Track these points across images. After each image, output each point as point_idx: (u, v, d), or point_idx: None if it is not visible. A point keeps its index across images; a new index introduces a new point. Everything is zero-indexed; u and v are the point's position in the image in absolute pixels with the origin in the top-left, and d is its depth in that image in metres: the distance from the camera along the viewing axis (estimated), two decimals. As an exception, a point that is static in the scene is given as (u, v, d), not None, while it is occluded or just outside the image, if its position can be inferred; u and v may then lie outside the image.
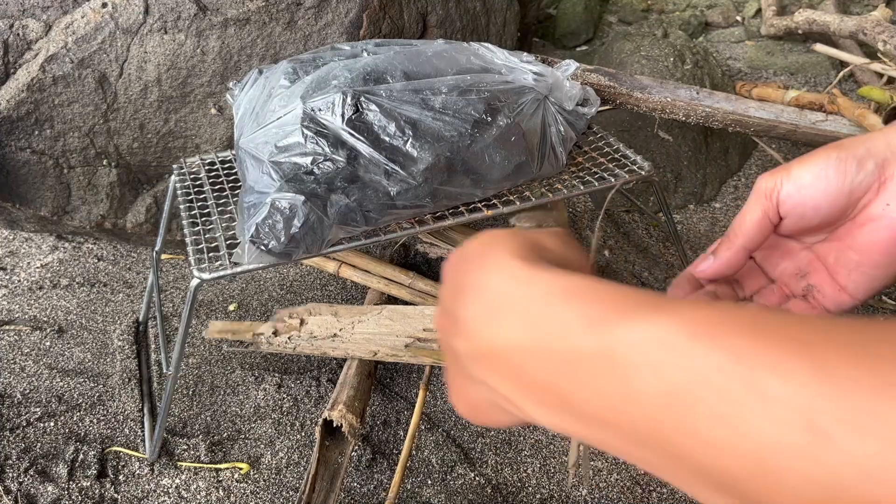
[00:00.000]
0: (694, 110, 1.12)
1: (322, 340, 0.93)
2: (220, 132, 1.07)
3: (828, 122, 1.16)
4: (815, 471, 0.21)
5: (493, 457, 0.93)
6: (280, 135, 0.73)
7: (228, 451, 0.92)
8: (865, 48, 1.64)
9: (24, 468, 0.89)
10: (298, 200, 0.69)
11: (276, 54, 1.02)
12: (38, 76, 1.00)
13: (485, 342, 0.31)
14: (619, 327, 0.26)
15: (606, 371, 0.26)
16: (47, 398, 0.99)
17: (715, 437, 0.23)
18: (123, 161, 1.09)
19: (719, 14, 2.05)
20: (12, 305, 1.17)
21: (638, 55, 1.46)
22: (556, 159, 0.84)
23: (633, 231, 1.30)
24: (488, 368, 0.32)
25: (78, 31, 1.00)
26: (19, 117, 1.02)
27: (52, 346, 1.08)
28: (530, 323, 0.29)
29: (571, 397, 0.27)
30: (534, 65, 0.86)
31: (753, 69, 1.76)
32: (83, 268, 1.25)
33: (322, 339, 0.93)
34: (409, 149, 0.73)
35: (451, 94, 0.76)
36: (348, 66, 0.78)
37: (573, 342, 0.27)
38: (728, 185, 1.42)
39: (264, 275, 1.22)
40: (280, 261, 0.72)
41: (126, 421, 0.96)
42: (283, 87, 0.78)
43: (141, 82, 1.02)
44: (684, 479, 0.25)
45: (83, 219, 1.12)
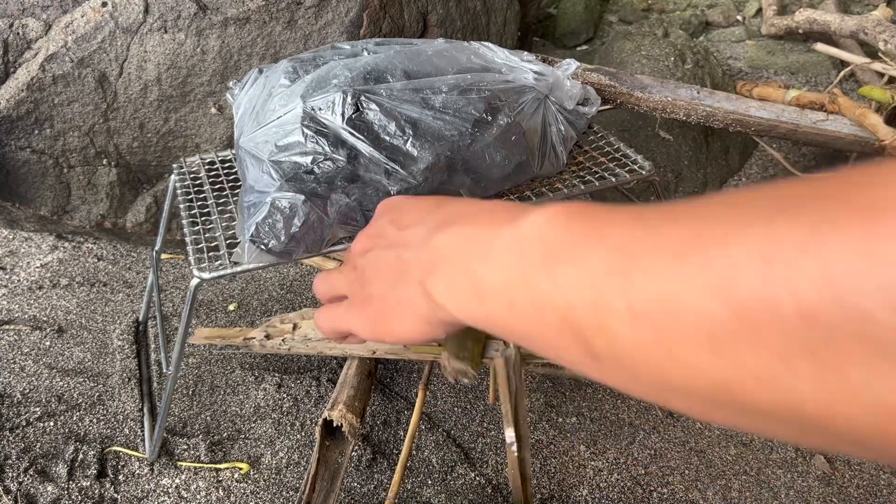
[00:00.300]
0: (695, 110, 1.12)
1: (317, 342, 0.93)
2: (220, 131, 1.07)
3: (829, 121, 1.16)
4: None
5: (494, 457, 0.93)
6: (280, 134, 0.73)
7: (228, 451, 0.92)
8: (866, 48, 1.64)
9: (23, 468, 0.89)
10: (298, 200, 0.68)
11: (276, 53, 1.02)
12: (38, 75, 1.00)
13: (438, 247, 0.39)
14: (520, 219, 0.34)
15: (511, 246, 0.34)
16: (47, 398, 0.99)
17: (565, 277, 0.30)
18: (123, 160, 1.09)
19: (720, 14, 2.04)
20: (12, 305, 1.17)
21: (638, 54, 1.46)
22: (556, 158, 0.84)
23: (633, 231, 1.30)
24: (436, 270, 0.38)
25: (78, 31, 1.00)
26: (19, 116, 1.02)
27: (51, 346, 1.08)
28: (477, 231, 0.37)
29: (482, 277, 0.34)
30: (534, 64, 0.86)
31: (754, 69, 1.76)
32: (83, 267, 1.25)
33: (317, 341, 0.93)
34: (409, 148, 0.72)
35: (452, 93, 0.76)
36: (348, 65, 0.78)
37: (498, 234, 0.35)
38: (729, 185, 1.42)
39: (264, 274, 1.22)
40: (280, 260, 0.72)
41: (126, 421, 0.96)
42: (283, 87, 0.77)
43: (141, 81, 1.02)
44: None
45: (83, 218, 1.12)
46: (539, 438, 0.95)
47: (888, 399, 0.21)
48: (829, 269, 0.21)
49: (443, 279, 0.37)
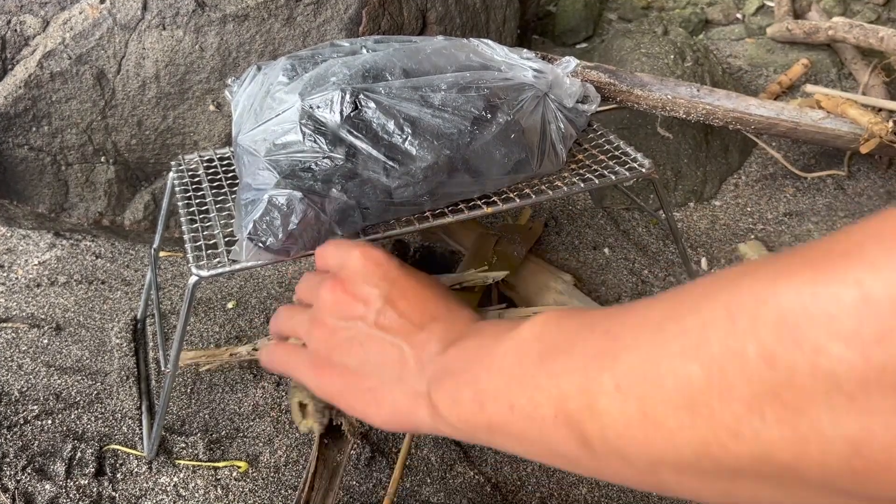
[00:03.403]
0: (694, 108, 1.12)
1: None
2: (218, 129, 1.06)
3: (828, 119, 1.15)
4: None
5: (493, 455, 0.93)
6: (278, 132, 0.73)
7: (227, 450, 0.92)
8: (872, 54, 1.64)
9: (21, 466, 0.89)
10: (296, 197, 0.68)
11: (274, 51, 1.01)
12: (36, 72, 1.00)
13: (449, 364, 0.39)
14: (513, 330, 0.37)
15: (510, 354, 0.35)
16: (45, 396, 0.99)
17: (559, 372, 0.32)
18: (121, 158, 1.09)
19: (719, 11, 2.04)
20: (9, 303, 1.16)
21: (638, 52, 1.46)
22: (556, 156, 0.84)
23: (632, 229, 1.29)
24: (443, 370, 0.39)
25: (76, 28, 1.00)
26: (17, 114, 1.01)
27: (49, 344, 1.08)
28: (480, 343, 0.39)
29: (484, 385, 0.36)
30: (534, 61, 0.86)
31: (754, 67, 1.76)
32: (81, 265, 1.25)
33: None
34: (407, 146, 0.72)
35: (451, 91, 0.76)
36: (347, 63, 0.77)
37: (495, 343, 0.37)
38: (728, 183, 1.42)
39: (262, 272, 1.22)
40: (278, 258, 0.72)
41: (124, 419, 0.96)
42: (282, 84, 0.77)
43: (139, 79, 1.01)
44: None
45: (81, 216, 1.12)
46: (538, 437, 0.95)
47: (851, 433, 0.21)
48: (784, 311, 0.23)
49: (448, 392, 0.38)
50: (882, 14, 1.96)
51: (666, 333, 0.27)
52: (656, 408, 0.26)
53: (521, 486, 0.89)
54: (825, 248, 0.24)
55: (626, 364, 0.28)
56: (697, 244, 1.26)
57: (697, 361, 0.25)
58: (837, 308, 0.21)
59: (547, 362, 0.32)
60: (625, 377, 0.28)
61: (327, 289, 0.45)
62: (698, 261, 1.22)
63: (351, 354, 0.43)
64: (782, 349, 0.22)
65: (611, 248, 1.24)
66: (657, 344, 0.27)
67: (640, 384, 0.27)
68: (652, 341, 0.27)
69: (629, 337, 0.29)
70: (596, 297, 1.08)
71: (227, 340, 1.09)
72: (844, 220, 1.30)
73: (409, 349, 0.41)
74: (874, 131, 1.10)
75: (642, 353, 0.28)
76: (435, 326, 0.42)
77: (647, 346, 0.28)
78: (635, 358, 0.28)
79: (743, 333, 0.24)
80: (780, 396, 0.22)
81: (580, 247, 1.24)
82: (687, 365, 0.25)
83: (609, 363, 0.29)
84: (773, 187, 1.39)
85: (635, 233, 1.28)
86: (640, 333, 0.28)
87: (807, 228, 1.28)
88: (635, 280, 1.16)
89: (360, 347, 0.43)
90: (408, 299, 0.43)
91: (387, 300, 0.43)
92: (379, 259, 0.46)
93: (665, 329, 0.27)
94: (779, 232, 1.28)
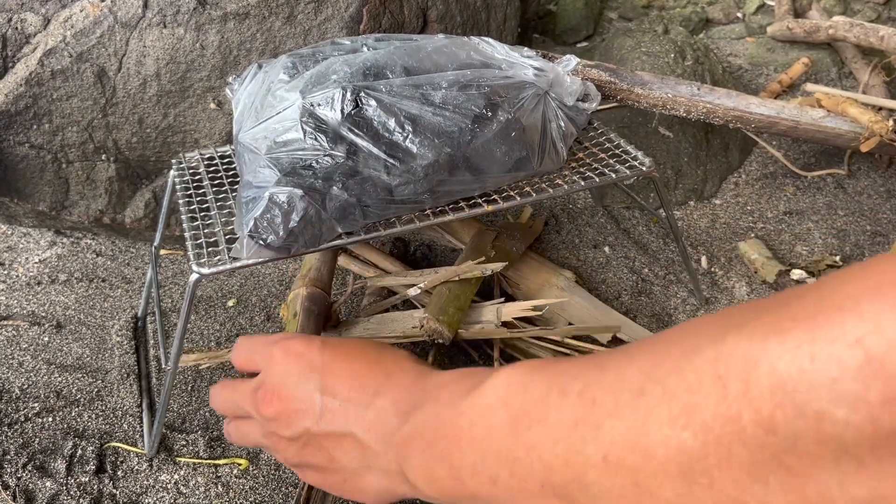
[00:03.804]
0: (695, 106, 1.12)
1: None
2: (219, 127, 1.06)
3: (829, 118, 1.16)
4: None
5: (493, 453, 0.93)
6: (279, 130, 0.73)
7: (227, 447, 0.92)
8: (873, 53, 1.64)
9: (22, 463, 0.89)
10: (296, 194, 0.68)
11: (275, 49, 1.02)
12: (37, 70, 1.00)
13: (410, 436, 0.38)
14: (477, 391, 0.35)
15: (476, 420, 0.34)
16: (45, 393, 0.99)
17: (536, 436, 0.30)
18: (122, 156, 1.09)
19: (720, 10, 2.04)
20: (10, 301, 1.16)
21: (638, 51, 1.46)
22: (556, 155, 0.84)
23: (633, 227, 1.29)
24: (403, 450, 0.38)
25: (77, 25, 1.00)
26: (17, 112, 1.01)
27: (50, 342, 1.08)
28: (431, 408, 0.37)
29: (458, 461, 0.34)
30: (534, 60, 0.86)
31: (754, 66, 1.76)
32: (81, 263, 1.25)
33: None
34: (408, 144, 0.72)
35: (452, 89, 0.76)
36: (348, 61, 0.77)
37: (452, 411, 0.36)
38: (728, 182, 1.42)
39: (263, 270, 1.22)
40: (279, 255, 0.72)
41: (125, 416, 0.96)
42: (283, 82, 0.77)
43: (140, 77, 1.01)
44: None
45: (81, 214, 1.12)
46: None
47: (862, 496, 0.20)
48: (780, 375, 0.22)
49: (421, 470, 0.36)
50: (882, 13, 1.96)
51: (649, 398, 0.26)
52: (650, 479, 0.25)
53: (521, 484, 0.89)
54: (817, 301, 0.22)
55: (610, 434, 0.27)
56: (698, 243, 1.26)
57: (689, 429, 0.24)
58: (839, 370, 0.20)
59: (521, 432, 0.31)
60: (612, 448, 0.27)
61: (264, 404, 0.43)
62: (698, 259, 1.22)
63: (316, 456, 0.42)
64: (782, 415, 0.21)
65: (611, 247, 1.24)
66: (641, 410, 0.26)
67: (630, 455, 0.26)
68: (635, 407, 0.26)
69: (609, 402, 0.27)
70: (596, 296, 1.08)
71: (228, 338, 1.09)
72: (844, 218, 1.30)
73: (363, 434, 0.39)
74: (874, 130, 1.10)
75: (627, 421, 0.26)
76: (380, 401, 0.40)
77: (630, 413, 0.26)
78: (620, 427, 0.26)
79: (736, 399, 0.23)
80: (784, 462, 0.22)
81: (580, 245, 1.24)
82: (678, 433, 0.24)
83: (591, 433, 0.27)
84: (773, 186, 1.39)
85: (636, 231, 1.28)
86: (620, 398, 0.27)
87: (807, 227, 1.28)
88: (635, 279, 1.16)
89: (319, 449, 0.42)
90: (343, 381, 0.41)
91: (323, 391, 0.41)
92: (299, 349, 0.44)
93: (647, 393, 0.26)
94: (779, 231, 1.28)
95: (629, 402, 0.27)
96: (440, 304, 0.87)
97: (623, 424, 0.27)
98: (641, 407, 0.26)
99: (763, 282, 1.16)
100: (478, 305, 0.93)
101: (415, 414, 0.38)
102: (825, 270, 1.15)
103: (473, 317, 0.91)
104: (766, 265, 1.16)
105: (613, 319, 1.00)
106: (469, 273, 0.91)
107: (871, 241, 1.24)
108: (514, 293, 1.06)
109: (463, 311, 0.89)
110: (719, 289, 1.16)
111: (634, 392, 0.27)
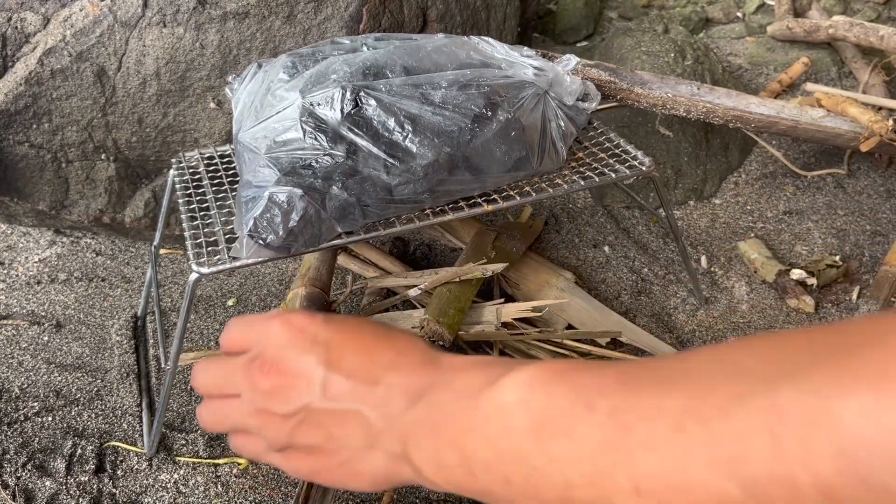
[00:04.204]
0: (695, 106, 1.12)
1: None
2: (219, 126, 1.06)
3: (829, 118, 1.15)
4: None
5: (492, 453, 0.93)
6: (279, 129, 0.73)
7: (227, 446, 0.92)
8: (873, 53, 1.64)
9: (21, 463, 0.89)
10: (296, 194, 0.68)
11: (275, 48, 1.01)
12: (37, 69, 1.00)
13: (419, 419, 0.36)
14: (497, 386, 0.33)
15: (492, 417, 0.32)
16: (45, 393, 0.99)
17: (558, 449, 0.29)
18: (122, 155, 1.09)
19: (720, 10, 2.04)
20: (10, 300, 1.16)
21: (638, 51, 1.46)
22: (556, 154, 0.84)
23: (632, 227, 1.29)
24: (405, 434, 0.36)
25: (76, 24, 1.00)
26: (17, 111, 1.01)
27: (50, 341, 1.08)
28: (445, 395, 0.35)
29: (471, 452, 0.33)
30: (534, 59, 0.86)
31: (754, 65, 1.76)
32: (81, 262, 1.25)
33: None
34: (408, 144, 0.72)
35: (451, 88, 0.76)
36: (348, 60, 0.77)
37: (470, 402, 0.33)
38: (728, 182, 1.42)
39: (263, 269, 1.22)
40: (278, 255, 0.72)
41: (124, 416, 0.96)
42: (283, 82, 0.77)
43: (140, 76, 1.01)
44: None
45: (81, 213, 1.12)
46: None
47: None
48: (845, 443, 0.20)
49: (429, 455, 0.34)
50: (882, 13, 1.96)
51: (689, 437, 0.24)
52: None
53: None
54: (882, 356, 0.21)
55: (644, 465, 0.25)
56: (697, 242, 1.26)
57: (734, 480, 0.23)
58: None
59: (543, 441, 0.29)
60: (645, 480, 0.25)
61: (260, 375, 0.40)
62: (698, 259, 1.22)
63: (312, 435, 0.39)
64: (844, 484, 0.20)
65: (611, 247, 1.24)
66: (680, 448, 0.25)
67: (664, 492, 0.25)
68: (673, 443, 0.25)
69: (643, 431, 0.26)
70: (596, 295, 1.08)
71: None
72: (844, 218, 1.30)
73: (369, 411, 0.37)
74: (874, 130, 1.10)
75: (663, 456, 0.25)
76: (391, 377, 0.37)
77: (667, 449, 0.25)
78: (655, 460, 0.25)
79: (792, 459, 0.21)
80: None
81: (580, 245, 1.24)
82: (721, 481, 0.23)
83: (622, 459, 0.26)
84: (773, 186, 1.39)
85: (635, 231, 1.28)
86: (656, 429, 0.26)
87: (807, 227, 1.28)
88: (635, 278, 1.16)
89: (318, 427, 0.38)
90: (350, 356, 0.39)
91: (328, 365, 0.38)
92: (302, 323, 0.40)
93: (688, 431, 0.25)
94: (779, 230, 1.28)
95: (667, 436, 0.25)
96: (440, 306, 0.87)
97: (658, 458, 0.25)
98: (680, 444, 0.25)
99: (763, 281, 1.16)
100: (478, 306, 0.93)
101: (427, 396, 0.36)
102: (825, 270, 1.15)
103: (473, 317, 0.91)
104: (765, 265, 1.16)
105: (613, 321, 1.00)
106: (470, 274, 0.91)
107: (870, 240, 1.24)
108: (513, 293, 1.07)
109: (463, 312, 0.89)
110: (719, 288, 1.16)
111: (673, 427, 0.25)
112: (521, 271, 1.05)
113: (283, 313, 0.42)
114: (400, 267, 1.06)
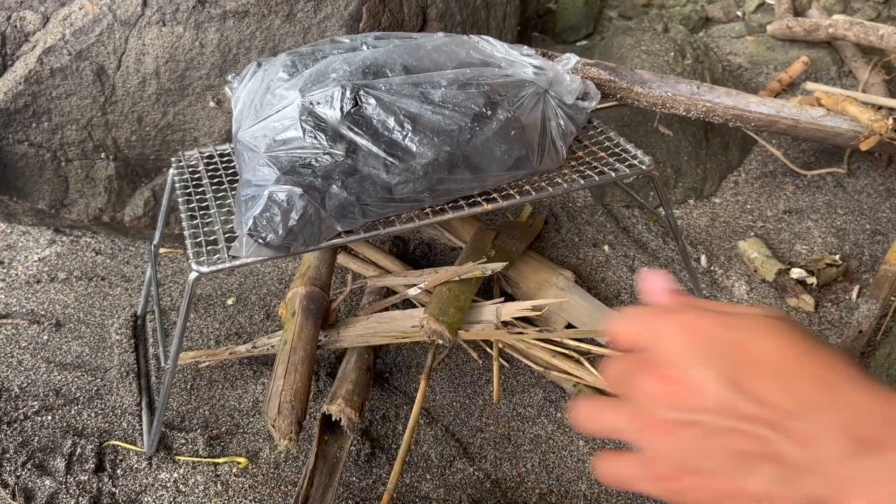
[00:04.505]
0: (694, 105, 1.12)
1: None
2: (218, 125, 1.06)
3: (829, 117, 1.15)
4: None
5: (493, 451, 0.93)
6: (278, 128, 0.73)
7: (227, 446, 0.92)
8: (872, 52, 1.64)
9: (21, 462, 0.89)
10: (296, 193, 0.68)
11: (275, 47, 1.01)
12: (36, 68, 1.00)
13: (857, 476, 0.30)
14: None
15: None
16: (45, 392, 0.99)
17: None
18: (121, 154, 1.09)
19: (720, 9, 2.04)
20: (10, 299, 1.16)
21: (638, 50, 1.46)
22: (556, 153, 0.84)
23: (632, 226, 1.29)
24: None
25: (76, 23, 1.00)
26: (17, 110, 1.01)
27: (49, 340, 1.08)
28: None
29: None
30: (534, 58, 0.86)
31: (754, 64, 1.76)
32: (81, 261, 1.25)
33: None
34: (408, 143, 0.72)
35: (451, 87, 0.76)
36: (347, 59, 0.77)
37: None
38: (728, 181, 1.42)
39: (263, 269, 1.22)
40: (278, 254, 0.72)
41: (124, 415, 0.96)
42: (282, 80, 0.77)
43: (139, 75, 1.01)
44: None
45: (81, 212, 1.12)
46: (538, 433, 0.95)
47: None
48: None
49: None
50: (882, 12, 1.96)
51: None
52: None
53: (520, 483, 0.89)
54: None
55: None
56: (697, 241, 1.26)
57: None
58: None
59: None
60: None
61: (648, 380, 0.35)
62: (698, 258, 1.22)
63: (705, 454, 0.34)
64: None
65: (610, 246, 1.24)
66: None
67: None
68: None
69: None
70: (595, 294, 1.08)
71: (227, 337, 1.09)
72: (844, 217, 1.30)
73: (787, 444, 0.32)
74: (874, 129, 1.10)
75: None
76: (821, 418, 0.32)
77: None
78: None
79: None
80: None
81: (580, 244, 1.24)
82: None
83: None
84: (772, 185, 1.39)
85: (635, 230, 1.28)
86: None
87: (806, 226, 1.28)
88: (635, 277, 1.16)
89: (712, 442, 0.34)
90: (762, 381, 0.33)
91: (732, 385, 0.33)
92: (704, 332, 0.35)
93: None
94: (778, 229, 1.28)
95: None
96: (440, 305, 0.87)
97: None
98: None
99: (763, 280, 1.16)
100: (477, 305, 0.93)
101: (885, 452, 0.30)
102: (825, 269, 1.15)
103: (473, 316, 0.91)
104: (765, 264, 1.16)
105: (613, 319, 1.00)
106: (469, 273, 0.91)
107: (870, 239, 1.24)
108: (513, 292, 1.07)
109: (463, 311, 0.89)
110: (719, 287, 1.16)
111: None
112: (520, 270, 1.05)
113: (681, 314, 0.37)
114: (400, 266, 1.06)
